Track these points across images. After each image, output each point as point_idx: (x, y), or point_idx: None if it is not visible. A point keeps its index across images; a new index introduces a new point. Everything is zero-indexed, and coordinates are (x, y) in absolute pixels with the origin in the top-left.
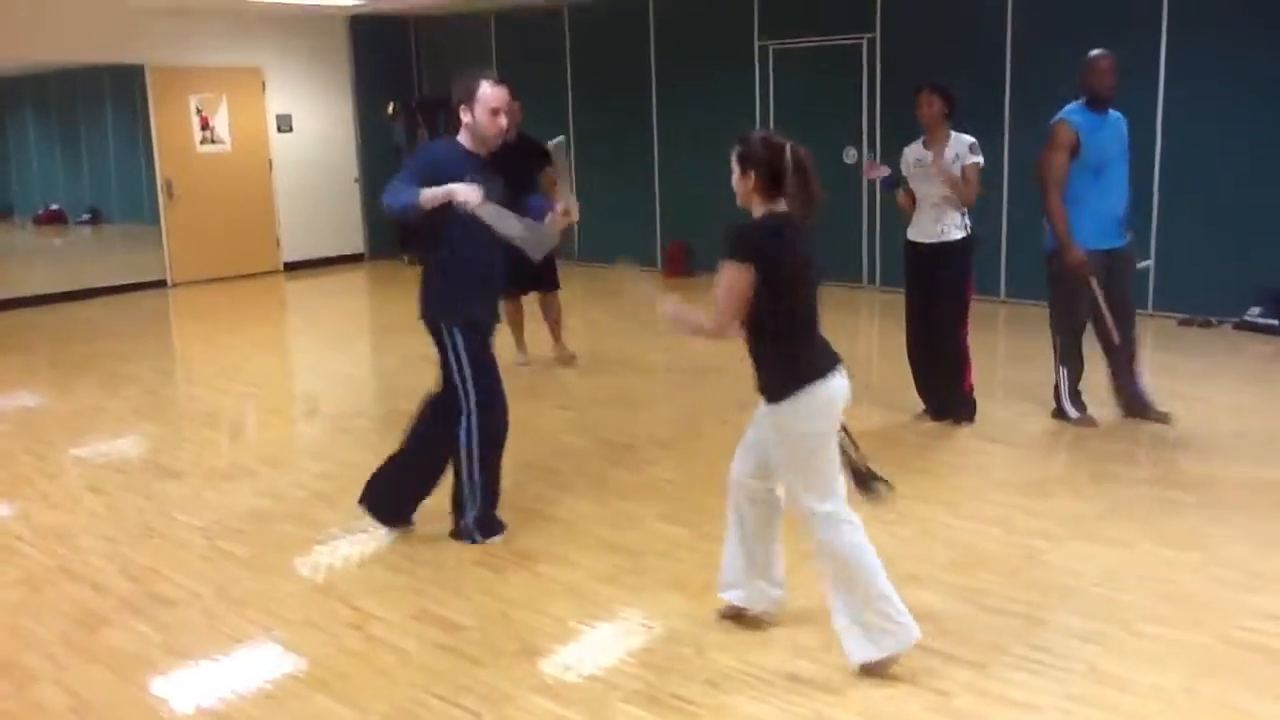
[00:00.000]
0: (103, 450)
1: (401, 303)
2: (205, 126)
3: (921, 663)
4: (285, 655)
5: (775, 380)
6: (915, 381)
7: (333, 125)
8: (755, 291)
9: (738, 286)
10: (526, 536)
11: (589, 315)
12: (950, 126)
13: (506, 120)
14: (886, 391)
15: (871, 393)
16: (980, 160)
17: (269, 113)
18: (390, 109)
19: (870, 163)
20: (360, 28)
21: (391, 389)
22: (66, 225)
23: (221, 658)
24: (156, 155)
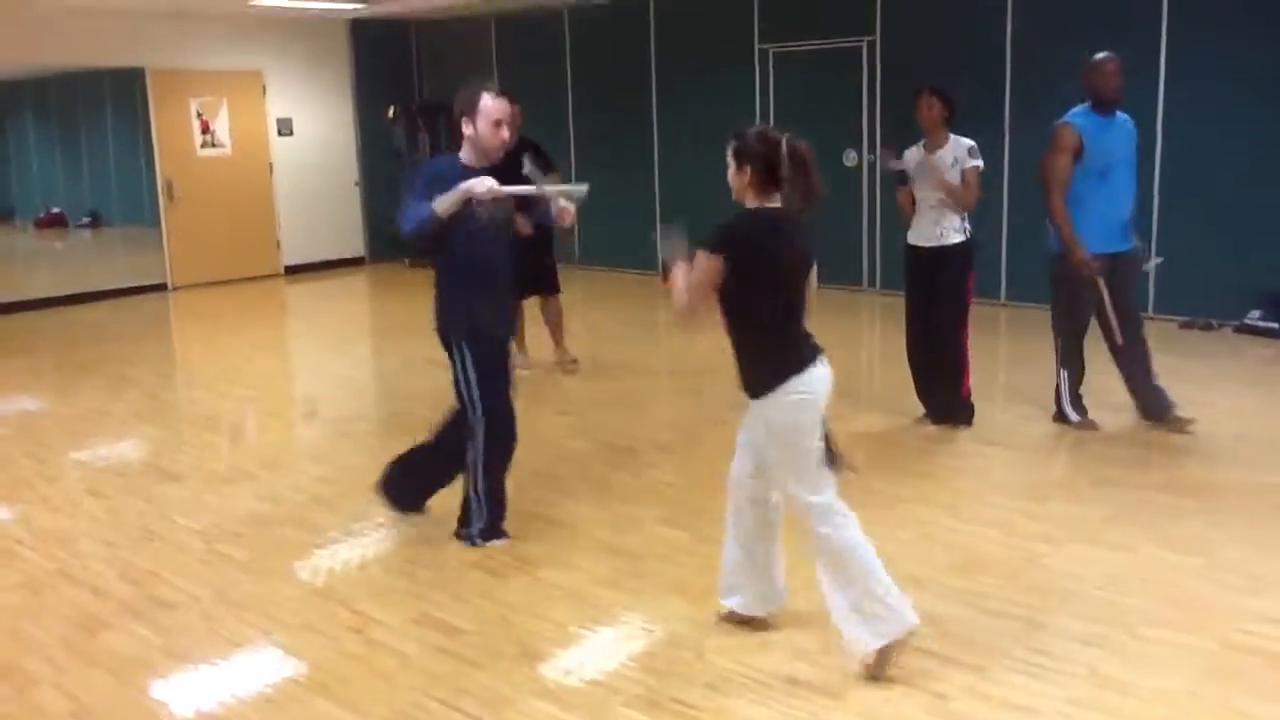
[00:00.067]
0: (103, 454)
1: (402, 306)
2: (206, 130)
3: (921, 666)
4: (285, 659)
5: (756, 375)
6: (915, 385)
7: (333, 129)
8: (731, 285)
9: (704, 276)
10: (527, 540)
11: (590, 319)
12: (950, 129)
13: (509, 131)
14: (887, 395)
15: (872, 396)
16: (980, 164)
17: (269, 116)
18: (391, 113)
19: (888, 154)
20: (361, 31)
21: (392, 392)
22: (67, 228)
23: (221, 661)
24: (157, 158)
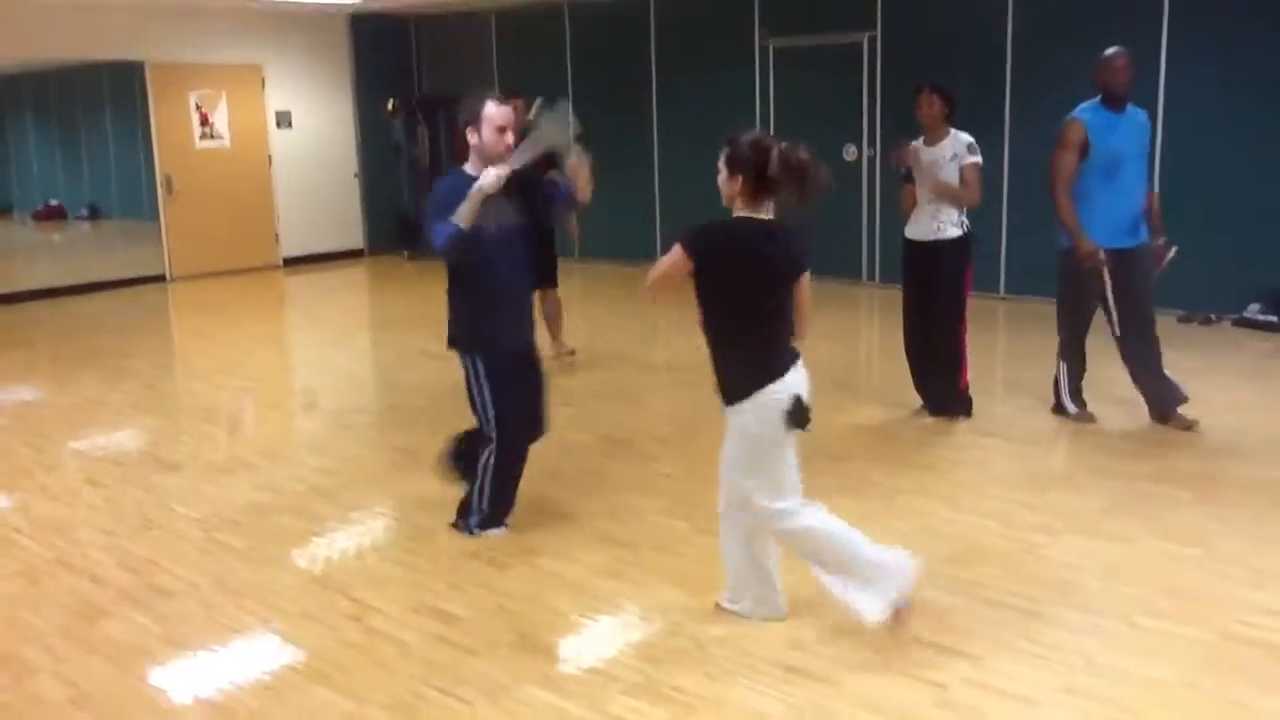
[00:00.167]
0: (101, 443)
1: (401, 298)
2: (205, 122)
3: (919, 655)
4: (284, 646)
5: (729, 382)
6: (912, 378)
7: (332, 122)
8: (703, 289)
9: (671, 269)
10: (526, 530)
11: (589, 313)
12: (950, 126)
13: (513, 136)
14: (885, 388)
15: (870, 389)
16: (979, 160)
17: (269, 109)
18: (390, 106)
19: (904, 151)
20: (360, 25)
21: (390, 384)
22: (66, 221)
23: (220, 649)
24: (156, 151)
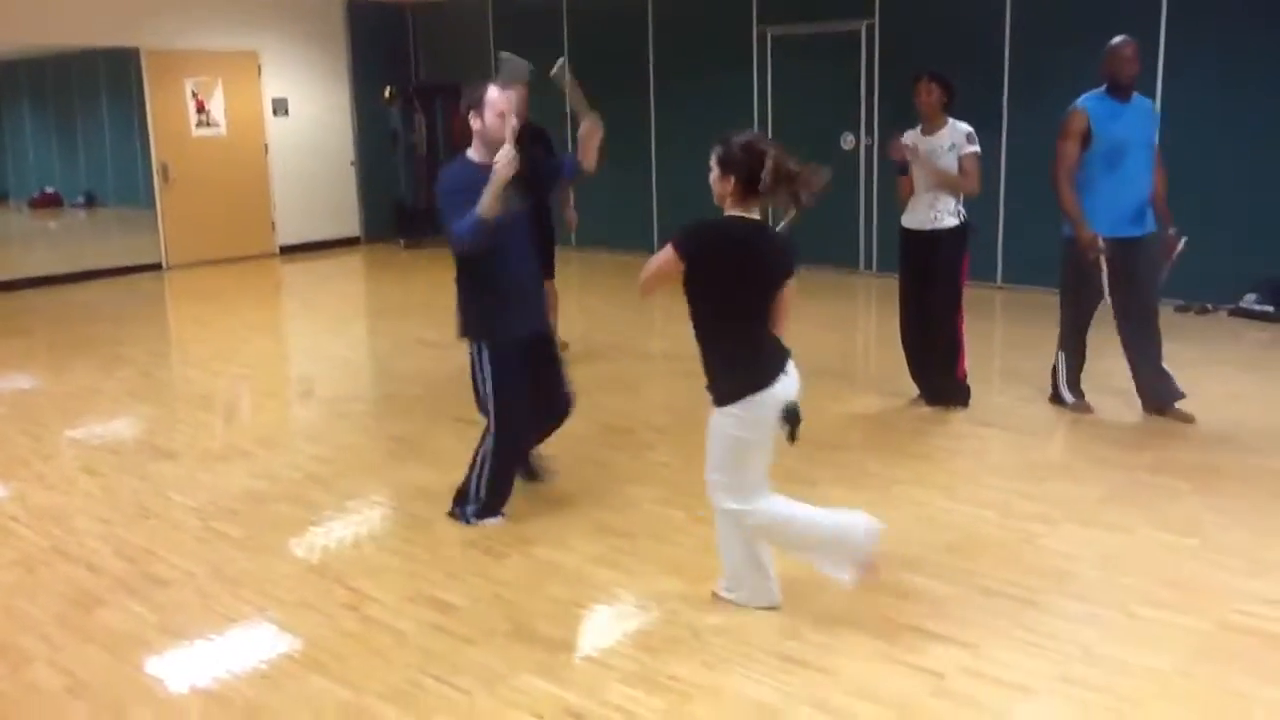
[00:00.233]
0: (98, 432)
1: (397, 286)
2: (201, 110)
3: (916, 644)
4: (281, 635)
5: (719, 383)
6: (909, 366)
7: (329, 110)
8: (693, 288)
9: (663, 269)
10: (523, 519)
11: (586, 303)
12: (948, 115)
13: (516, 120)
14: (882, 377)
15: (867, 378)
16: (978, 149)
17: (265, 96)
18: (387, 94)
19: (896, 144)
20: (357, 12)
21: (387, 372)
22: (62, 208)
23: (217, 638)
24: (152, 139)
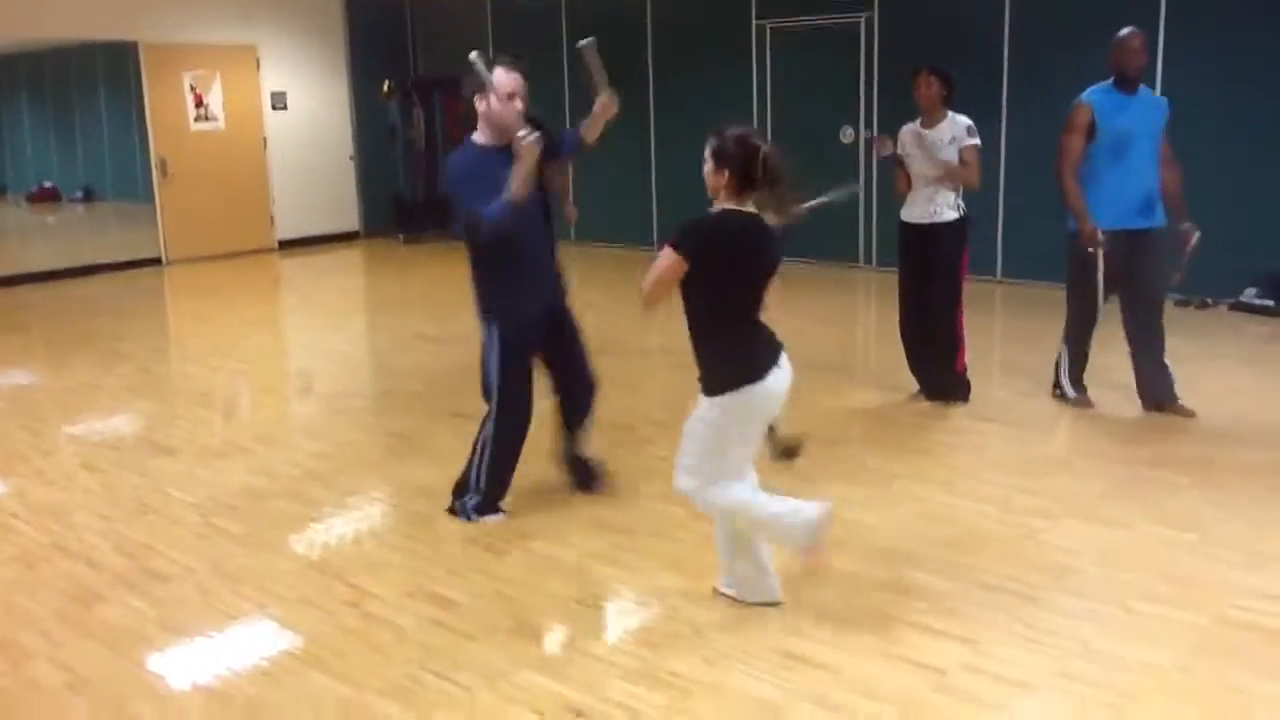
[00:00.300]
0: (97, 428)
1: (396, 281)
2: (199, 104)
3: (916, 640)
4: (281, 632)
5: (710, 375)
6: (908, 361)
7: (328, 104)
8: (692, 285)
9: (668, 274)
10: (523, 515)
11: (585, 297)
12: (948, 108)
13: (522, 104)
14: (882, 371)
15: (867, 373)
16: (978, 142)
17: (264, 90)
18: (385, 88)
19: (879, 141)
20: (356, 6)
21: (386, 368)
22: (60, 203)
23: (217, 634)
24: (150, 133)
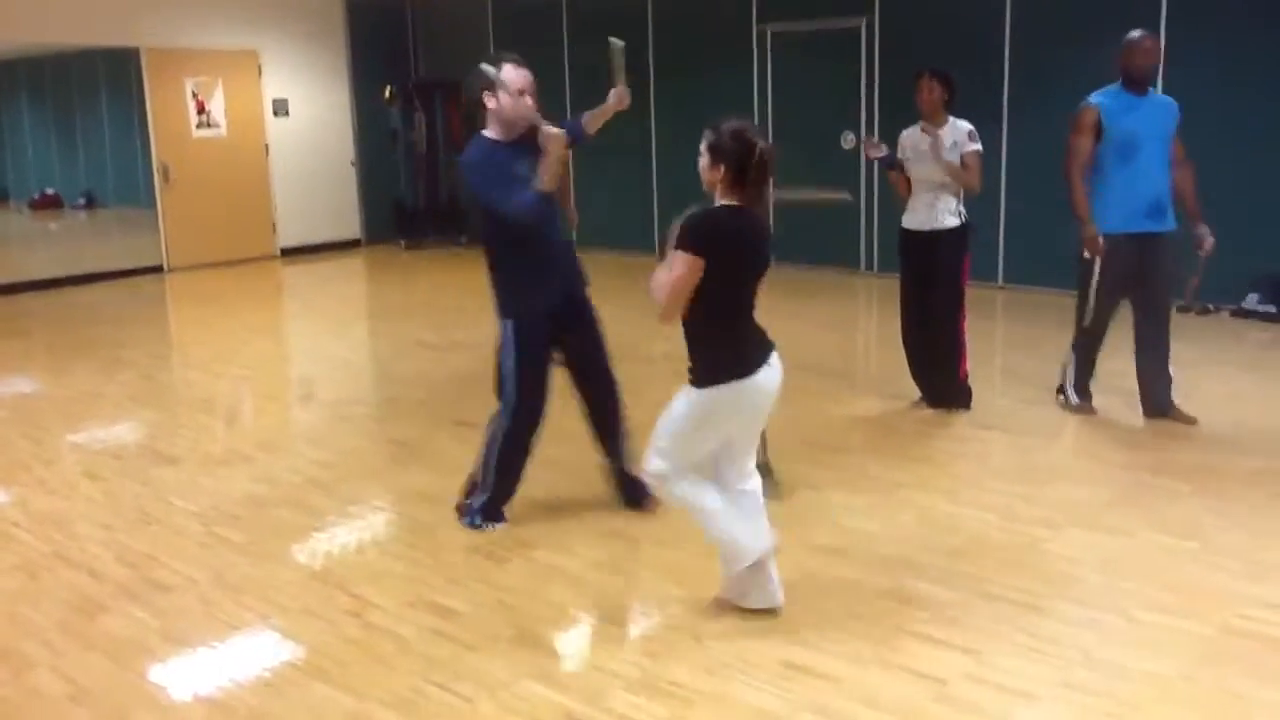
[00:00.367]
0: (99, 436)
1: (398, 288)
2: (201, 110)
3: (918, 649)
4: (283, 642)
5: (701, 366)
6: (910, 369)
7: (329, 109)
8: (701, 281)
9: (684, 281)
10: (525, 524)
11: None
12: (949, 113)
13: (532, 100)
14: (883, 379)
15: (868, 380)
16: (979, 147)
17: (265, 96)
18: (387, 93)
19: (869, 142)
20: (357, 11)
21: (388, 375)
22: (62, 210)
23: (219, 645)
24: (152, 139)
